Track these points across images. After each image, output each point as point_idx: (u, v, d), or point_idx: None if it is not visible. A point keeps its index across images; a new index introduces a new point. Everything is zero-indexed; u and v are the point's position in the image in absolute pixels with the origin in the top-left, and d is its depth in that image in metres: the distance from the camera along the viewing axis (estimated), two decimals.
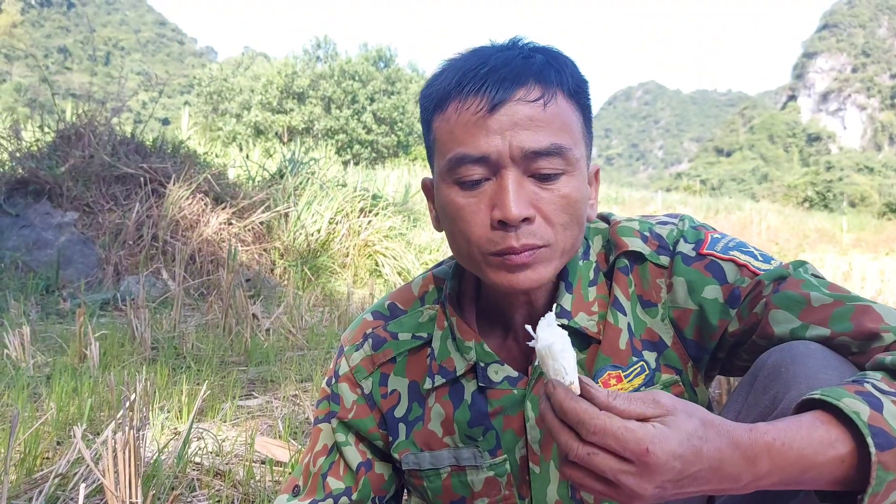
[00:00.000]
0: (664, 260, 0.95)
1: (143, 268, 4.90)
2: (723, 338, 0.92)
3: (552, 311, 0.73)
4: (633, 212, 17.30)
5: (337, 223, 6.12)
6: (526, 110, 0.84)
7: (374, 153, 32.45)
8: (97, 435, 2.07)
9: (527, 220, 0.84)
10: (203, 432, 2.14)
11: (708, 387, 1.00)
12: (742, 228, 16.26)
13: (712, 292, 0.91)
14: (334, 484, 1.05)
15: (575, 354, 0.69)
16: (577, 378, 0.68)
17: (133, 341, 3.11)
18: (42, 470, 1.77)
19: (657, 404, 0.65)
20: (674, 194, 27.58)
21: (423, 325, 1.05)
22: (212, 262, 5.10)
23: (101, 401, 2.33)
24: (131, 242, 5.12)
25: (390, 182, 9.36)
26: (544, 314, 0.97)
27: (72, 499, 1.61)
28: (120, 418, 1.63)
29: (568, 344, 0.68)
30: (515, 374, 0.98)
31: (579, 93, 0.90)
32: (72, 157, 5.39)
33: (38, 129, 5.75)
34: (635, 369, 0.95)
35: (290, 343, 3.49)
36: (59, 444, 2.03)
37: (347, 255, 5.95)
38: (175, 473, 1.78)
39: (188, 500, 1.72)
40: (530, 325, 0.73)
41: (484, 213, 0.86)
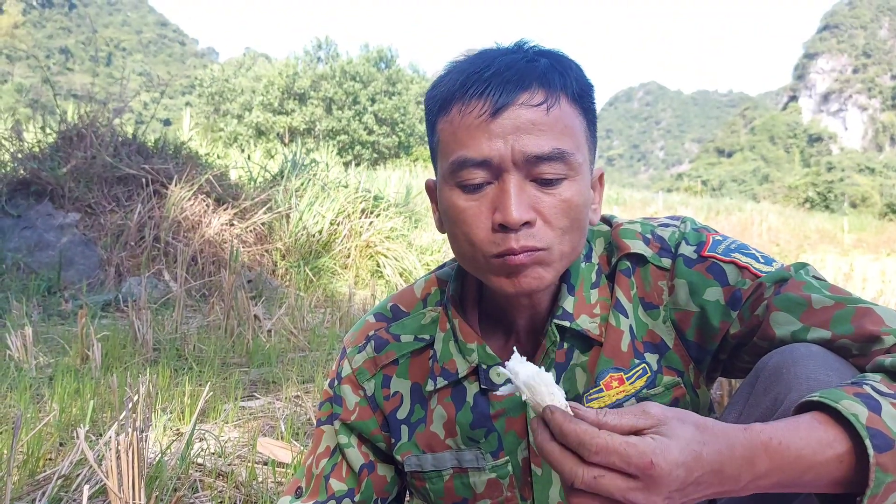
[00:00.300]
0: (666, 262, 0.95)
1: (145, 269, 4.91)
2: (724, 340, 0.92)
3: (514, 352, 0.71)
4: (634, 212, 17.28)
5: (338, 224, 6.13)
6: (529, 115, 0.84)
7: (375, 154, 32.47)
8: (100, 436, 2.07)
9: (527, 223, 0.84)
10: (205, 433, 2.15)
11: (709, 388, 1.00)
12: (743, 229, 16.24)
13: (714, 294, 0.91)
14: (337, 486, 1.05)
15: (558, 389, 0.68)
16: (565, 401, 0.66)
17: (135, 342, 3.11)
18: (45, 471, 1.77)
19: (647, 415, 0.65)
20: (675, 195, 27.55)
21: (426, 326, 1.05)
22: (213, 263, 5.10)
23: (104, 402, 2.33)
24: (133, 243, 5.13)
25: (391, 183, 9.35)
26: (547, 316, 0.97)
27: (75, 500, 1.61)
28: (123, 419, 1.64)
29: (550, 377, 0.67)
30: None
31: (583, 97, 0.90)
32: (73, 158, 5.40)
33: (40, 130, 5.75)
34: (637, 371, 0.95)
35: (292, 344, 3.49)
36: (61, 445, 2.03)
37: (349, 256, 5.95)
38: (178, 475, 1.78)
39: (191, 501, 1.73)
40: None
41: (485, 217, 0.86)
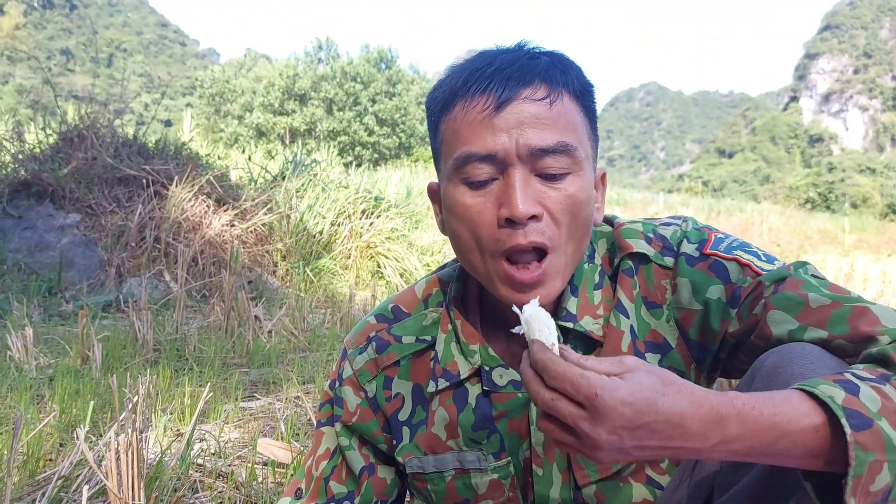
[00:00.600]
0: (668, 261, 0.95)
1: (146, 270, 4.91)
2: (724, 338, 0.92)
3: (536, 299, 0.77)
4: (635, 213, 17.28)
5: (339, 225, 6.13)
6: (532, 109, 0.84)
7: (375, 154, 32.47)
8: (100, 437, 2.07)
9: (534, 217, 0.84)
10: (205, 434, 2.15)
11: (711, 388, 1.00)
12: (744, 230, 16.24)
13: (716, 292, 0.91)
14: (337, 488, 1.05)
15: (555, 326, 0.74)
16: (556, 342, 0.72)
17: (135, 343, 3.11)
18: (45, 472, 1.77)
19: (621, 364, 0.69)
20: (675, 196, 27.52)
21: (427, 328, 1.05)
22: (214, 263, 5.11)
23: (104, 403, 2.33)
24: (133, 244, 5.13)
25: (392, 183, 9.35)
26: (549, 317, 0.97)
27: (75, 501, 1.61)
28: (122, 420, 1.64)
29: (551, 319, 0.74)
30: (520, 377, 0.98)
31: (585, 95, 0.90)
32: (74, 159, 5.40)
33: (41, 131, 5.75)
34: None
35: (292, 345, 3.49)
36: (61, 445, 2.03)
37: (349, 257, 5.95)
38: (178, 475, 1.78)
39: (190, 501, 1.73)
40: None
41: (491, 213, 0.86)
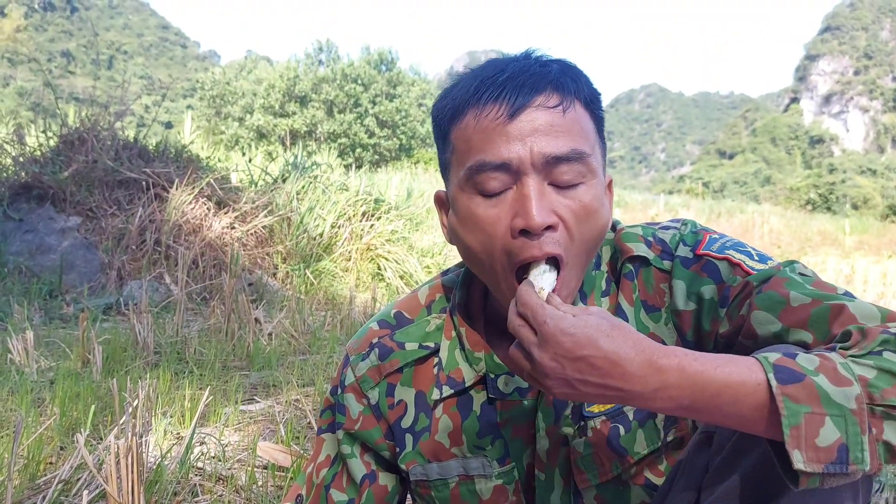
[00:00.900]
0: (667, 264, 0.95)
1: (146, 272, 4.91)
2: (716, 339, 0.92)
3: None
4: (636, 214, 17.27)
5: (339, 227, 6.13)
6: (546, 116, 0.84)
7: (376, 156, 32.47)
8: (101, 440, 2.07)
9: (549, 227, 0.83)
10: (205, 437, 2.15)
11: None
12: (744, 231, 16.23)
13: (709, 292, 0.91)
14: (337, 496, 1.05)
15: (554, 285, 0.82)
16: (546, 289, 0.80)
17: (136, 346, 3.12)
18: (45, 475, 1.77)
19: (585, 309, 0.75)
20: (676, 197, 27.48)
21: (430, 334, 1.04)
22: (214, 266, 5.11)
23: (105, 406, 2.33)
24: (134, 247, 5.13)
25: (392, 185, 9.35)
26: None
27: None
28: (122, 424, 1.64)
29: (553, 274, 0.83)
30: (525, 384, 0.98)
31: (594, 103, 0.90)
32: (75, 162, 5.41)
33: (42, 134, 5.76)
34: None
35: (293, 347, 3.49)
36: (62, 449, 2.03)
37: (350, 259, 5.95)
38: (177, 479, 1.78)
39: None
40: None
41: (504, 223, 0.85)
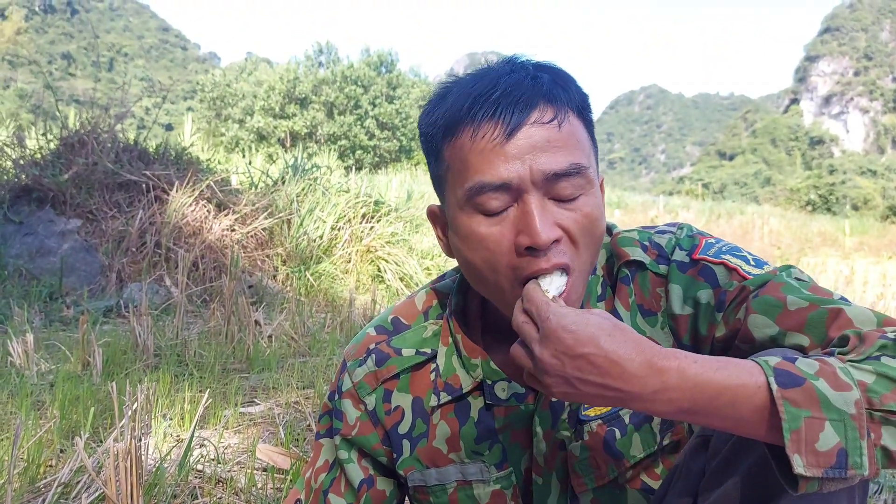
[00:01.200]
0: (663, 269, 0.95)
1: (146, 275, 4.92)
2: (713, 343, 0.92)
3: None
4: (636, 216, 17.27)
5: (339, 229, 6.13)
6: (542, 132, 0.83)
7: (376, 158, 32.50)
8: (100, 443, 2.08)
9: (555, 242, 0.83)
10: (205, 440, 2.15)
11: None
12: (744, 233, 16.22)
13: (705, 297, 0.91)
14: (335, 501, 1.05)
15: (562, 289, 0.82)
16: (553, 292, 0.81)
17: (136, 349, 3.12)
18: (45, 478, 1.78)
19: (589, 310, 0.76)
20: (676, 198, 27.44)
21: (427, 340, 1.04)
22: (214, 268, 5.11)
23: (105, 409, 2.34)
24: (134, 249, 5.14)
25: (392, 187, 9.36)
26: None
27: None
28: (121, 427, 1.64)
29: (561, 281, 0.83)
30: (523, 390, 0.98)
31: (584, 109, 0.90)
32: (75, 165, 5.41)
33: (42, 137, 5.77)
34: None
35: (293, 349, 3.49)
36: (62, 452, 2.04)
37: (350, 261, 5.95)
38: (177, 481, 1.79)
39: None
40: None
41: (508, 240, 0.84)
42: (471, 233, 0.87)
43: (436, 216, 0.98)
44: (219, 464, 1.97)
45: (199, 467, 1.93)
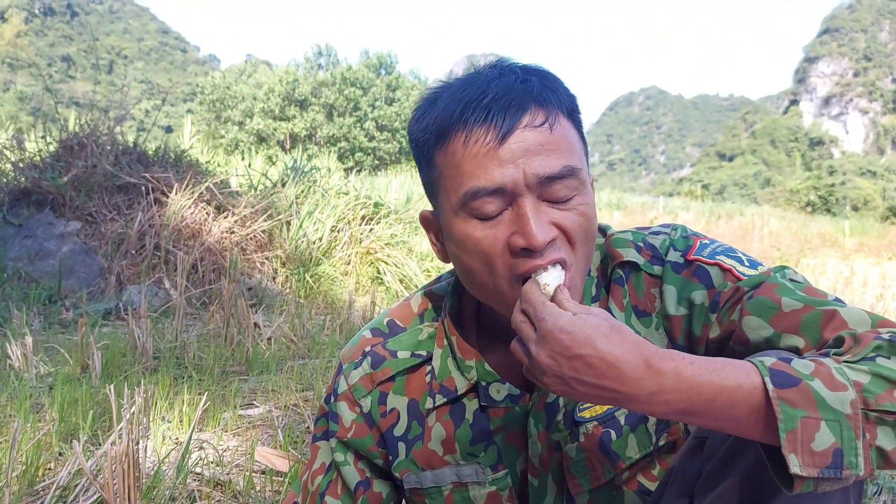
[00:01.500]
0: (657, 269, 0.95)
1: (145, 277, 4.92)
2: (707, 344, 0.92)
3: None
4: (635, 217, 17.28)
5: (339, 231, 6.13)
6: (535, 136, 0.83)
7: (375, 160, 32.53)
8: (99, 446, 2.07)
9: (551, 241, 0.84)
10: (203, 442, 2.15)
11: None
12: (744, 234, 16.22)
13: (699, 297, 0.91)
14: (332, 503, 1.06)
15: (561, 280, 0.82)
16: (553, 287, 0.81)
17: (135, 351, 3.12)
18: (43, 481, 1.78)
19: (588, 309, 0.76)
20: (676, 199, 27.46)
21: (423, 342, 1.05)
22: (214, 271, 5.11)
23: (103, 411, 2.33)
24: (133, 252, 5.14)
25: (392, 189, 9.36)
26: None
27: None
28: (120, 430, 1.64)
29: (560, 274, 0.83)
30: (517, 391, 0.98)
31: (573, 110, 0.90)
32: (74, 167, 5.41)
33: (41, 139, 5.77)
34: None
35: (292, 352, 3.49)
36: (60, 454, 2.03)
37: (349, 263, 5.95)
38: (175, 484, 1.78)
39: None
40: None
41: (503, 241, 0.85)
42: (466, 237, 0.87)
43: (429, 222, 0.97)
44: (217, 466, 1.97)
45: (198, 470, 1.93)
